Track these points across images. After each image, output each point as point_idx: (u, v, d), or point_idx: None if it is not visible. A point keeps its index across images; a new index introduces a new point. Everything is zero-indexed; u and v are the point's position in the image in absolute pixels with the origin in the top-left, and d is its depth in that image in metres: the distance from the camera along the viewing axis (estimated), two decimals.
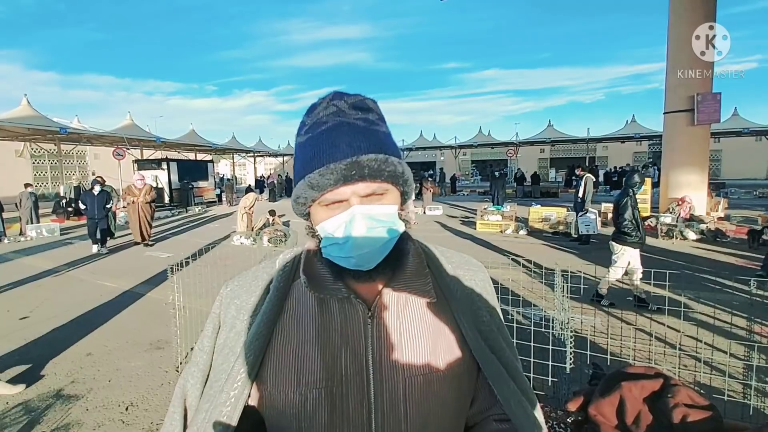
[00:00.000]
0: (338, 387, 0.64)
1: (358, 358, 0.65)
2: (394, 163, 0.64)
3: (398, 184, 0.67)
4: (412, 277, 0.71)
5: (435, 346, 0.68)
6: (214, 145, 28.02)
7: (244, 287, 0.73)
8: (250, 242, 9.53)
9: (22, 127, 16.56)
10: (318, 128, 0.65)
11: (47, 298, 5.77)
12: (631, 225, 4.89)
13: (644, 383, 1.93)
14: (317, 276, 0.69)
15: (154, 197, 10.08)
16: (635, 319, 3.83)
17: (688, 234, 8.93)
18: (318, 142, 0.63)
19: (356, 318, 0.67)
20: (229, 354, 0.67)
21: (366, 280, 0.67)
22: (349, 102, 0.66)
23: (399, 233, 0.67)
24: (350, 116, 0.64)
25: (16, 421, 2.89)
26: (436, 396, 0.66)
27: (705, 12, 10.13)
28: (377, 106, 0.70)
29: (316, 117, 0.66)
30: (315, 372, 0.64)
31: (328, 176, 0.61)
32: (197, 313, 3.88)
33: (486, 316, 0.73)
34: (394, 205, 0.66)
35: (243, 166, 46.26)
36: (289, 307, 0.69)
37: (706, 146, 10.93)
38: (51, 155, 26.40)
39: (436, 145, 33.84)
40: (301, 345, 0.65)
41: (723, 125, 22.46)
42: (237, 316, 0.70)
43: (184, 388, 0.72)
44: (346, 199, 0.63)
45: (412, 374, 0.66)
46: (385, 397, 0.64)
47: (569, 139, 29.96)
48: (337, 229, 0.63)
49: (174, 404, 0.72)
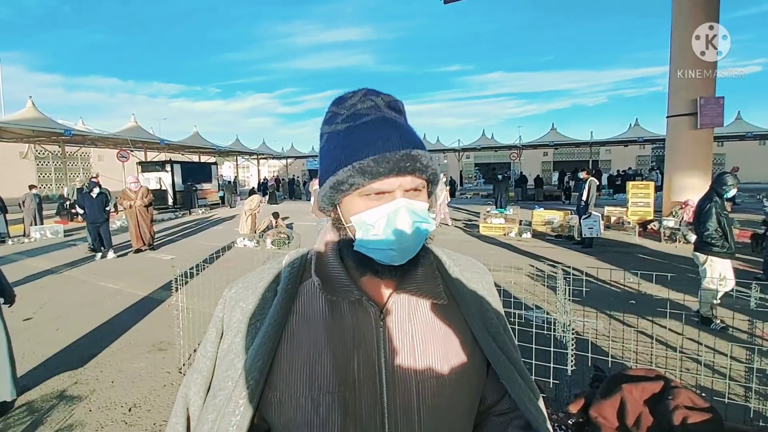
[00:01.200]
0: (351, 392, 0.62)
1: (370, 361, 0.64)
2: (437, 163, 0.67)
3: (433, 184, 0.69)
4: (423, 280, 0.70)
5: (447, 349, 0.68)
6: (217, 147, 28.11)
7: (250, 289, 0.71)
8: (253, 244, 9.56)
9: (27, 129, 16.66)
10: (359, 119, 0.65)
11: (50, 299, 5.80)
12: (716, 234, 4.33)
13: (645, 385, 1.93)
14: (329, 277, 0.68)
15: (151, 199, 9.55)
16: (637, 321, 3.83)
17: (691, 237, 8.89)
18: (365, 132, 0.63)
19: (368, 321, 0.66)
20: (234, 359, 0.65)
21: (395, 277, 0.68)
22: (385, 100, 0.67)
23: (430, 231, 0.68)
24: (389, 113, 0.66)
25: (19, 421, 2.91)
26: (448, 398, 0.66)
27: (708, 14, 10.11)
28: (405, 109, 0.71)
29: (353, 108, 0.66)
30: (327, 376, 0.62)
31: (384, 165, 0.61)
32: (200, 314, 3.90)
33: (494, 318, 0.74)
34: (427, 203, 0.68)
35: (246, 169, 46.36)
36: (297, 309, 0.67)
37: (710, 150, 10.90)
38: (55, 157, 26.56)
39: (440, 148, 33.85)
40: (312, 349, 0.64)
41: (726, 129, 22.37)
42: (242, 319, 0.68)
43: (186, 397, 0.70)
44: (390, 191, 0.63)
45: (425, 377, 0.65)
46: (398, 401, 0.63)
47: (572, 142, 29.91)
48: (378, 219, 0.63)
49: (176, 413, 0.70)
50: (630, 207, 12.21)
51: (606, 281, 5.73)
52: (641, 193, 12.27)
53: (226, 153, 31.40)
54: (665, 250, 8.36)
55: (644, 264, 7.21)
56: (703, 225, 4.38)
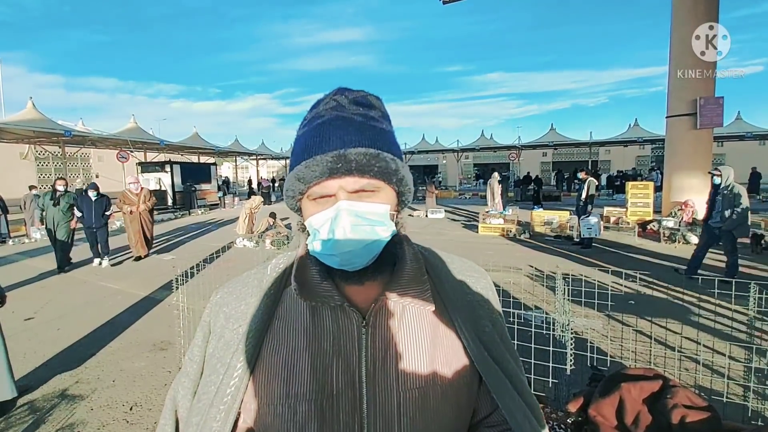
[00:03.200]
0: (329, 400, 0.60)
1: (350, 369, 0.61)
2: (386, 159, 0.61)
3: (391, 183, 0.64)
4: (410, 284, 0.66)
5: (433, 357, 0.64)
6: (217, 148, 28.14)
7: (233, 294, 0.70)
8: (252, 244, 9.57)
9: (28, 130, 16.68)
10: (314, 122, 0.63)
11: (51, 299, 5.81)
12: None
13: (643, 384, 1.95)
14: (309, 282, 0.66)
15: (155, 203, 8.71)
16: (636, 321, 3.84)
17: (690, 238, 8.90)
18: (311, 135, 0.62)
19: (350, 327, 0.63)
20: (217, 364, 0.64)
21: (356, 283, 0.64)
22: (350, 97, 0.64)
23: (389, 234, 0.64)
24: (348, 111, 0.63)
25: (21, 420, 2.92)
26: (432, 411, 0.62)
27: (707, 14, 10.14)
28: (381, 104, 0.68)
29: (316, 111, 0.65)
30: (305, 384, 0.60)
31: (314, 168, 0.59)
32: (200, 314, 3.90)
33: (488, 325, 0.70)
34: (386, 205, 0.63)
35: (246, 169, 46.35)
36: (280, 315, 0.66)
37: (709, 150, 10.92)
38: (55, 158, 26.61)
39: (438, 148, 33.85)
40: (291, 355, 0.62)
41: (726, 129, 22.43)
42: (225, 325, 0.67)
43: (174, 400, 0.70)
44: (333, 193, 0.60)
45: (408, 388, 0.62)
46: (377, 412, 0.60)
47: (572, 142, 29.93)
48: (322, 225, 0.61)
49: (165, 416, 0.70)
50: (629, 207, 12.23)
51: (605, 281, 5.74)
52: (641, 194, 12.29)
53: (225, 153, 31.42)
54: (665, 251, 8.36)
55: (643, 264, 7.22)
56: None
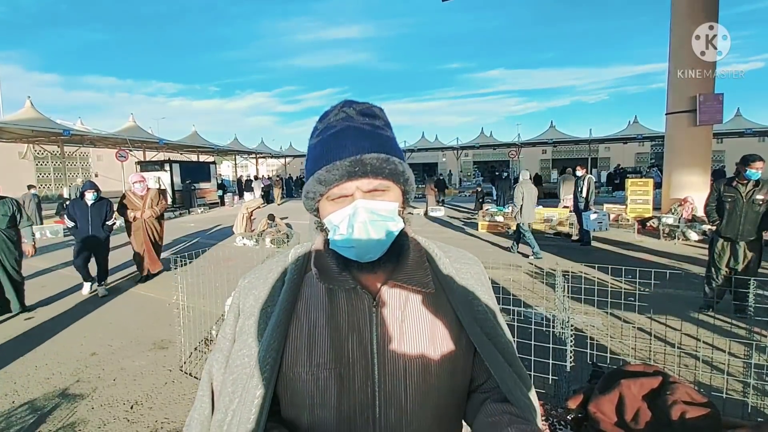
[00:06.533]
0: (346, 368, 0.71)
1: (363, 343, 0.72)
2: (394, 162, 0.71)
3: (399, 183, 0.73)
4: (413, 270, 0.77)
5: (434, 332, 0.76)
6: (216, 146, 28.09)
7: (261, 279, 0.81)
8: (252, 243, 9.56)
9: (26, 129, 16.64)
10: (328, 132, 0.72)
11: (51, 298, 5.81)
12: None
13: (643, 381, 1.95)
14: (326, 268, 0.76)
15: (165, 207, 6.87)
16: (635, 318, 3.84)
17: (690, 235, 8.92)
18: (327, 143, 0.71)
19: (362, 307, 0.74)
20: (248, 339, 0.74)
21: (369, 272, 0.74)
22: (357, 109, 0.74)
23: (399, 229, 0.74)
24: (357, 121, 0.72)
25: (22, 419, 2.92)
26: (434, 376, 0.74)
27: (707, 11, 10.12)
28: (383, 114, 0.77)
29: (327, 122, 0.74)
30: (325, 354, 0.72)
31: (334, 172, 0.68)
32: (200, 312, 3.91)
33: (481, 305, 0.80)
34: (395, 203, 0.73)
35: (245, 168, 46.31)
36: (303, 296, 0.77)
37: (709, 147, 10.91)
38: (54, 157, 26.55)
39: (438, 146, 33.82)
40: (313, 330, 0.73)
41: (726, 126, 22.40)
42: (255, 305, 0.78)
43: (210, 373, 0.80)
44: (350, 194, 0.70)
45: (413, 357, 0.73)
46: (387, 378, 0.72)
47: (571, 140, 29.90)
48: (341, 221, 0.70)
49: (202, 387, 0.80)
50: (629, 204, 12.23)
51: (604, 278, 5.75)
52: (640, 191, 12.29)
53: (224, 152, 31.37)
54: (664, 248, 8.36)
55: (643, 261, 7.22)
56: None
